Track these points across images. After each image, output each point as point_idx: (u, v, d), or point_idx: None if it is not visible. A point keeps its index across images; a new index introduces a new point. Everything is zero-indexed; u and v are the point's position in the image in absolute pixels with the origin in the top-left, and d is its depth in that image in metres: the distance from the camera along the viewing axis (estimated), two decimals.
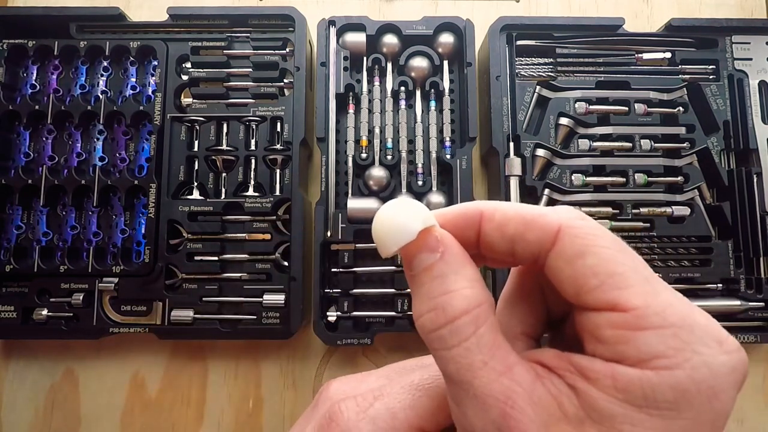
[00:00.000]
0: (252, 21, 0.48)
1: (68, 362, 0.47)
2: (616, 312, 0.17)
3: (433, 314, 0.18)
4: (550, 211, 0.19)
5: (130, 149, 0.47)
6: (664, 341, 0.16)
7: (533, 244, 0.19)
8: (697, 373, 0.16)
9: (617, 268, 0.17)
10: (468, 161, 0.45)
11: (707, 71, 0.48)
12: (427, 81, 0.48)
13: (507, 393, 0.17)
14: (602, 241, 0.18)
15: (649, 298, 0.17)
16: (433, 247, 0.19)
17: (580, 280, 0.18)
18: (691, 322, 0.16)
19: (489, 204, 0.20)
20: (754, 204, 0.45)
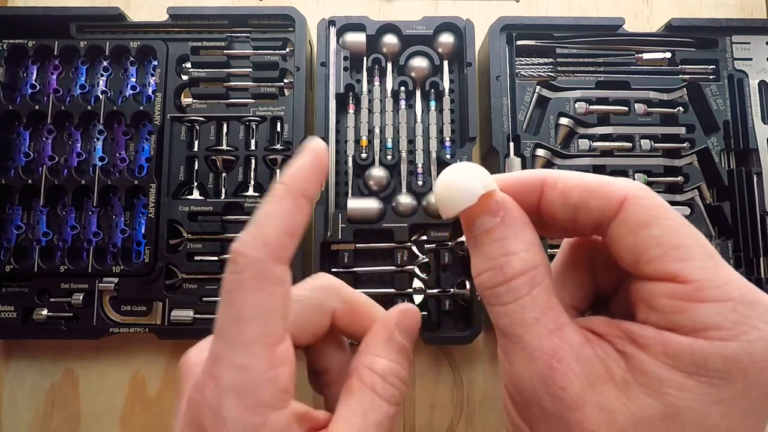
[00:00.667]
0: (252, 21, 0.48)
1: (68, 362, 0.47)
2: (675, 283, 0.17)
3: (492, 273, 0.19)
4: (616, 180, 0.19)
5: (130, 149, 0.47)
6: (721, 313, 0.16)
7: (596, 211, 0.19)
8: (753, 346, 0.16)
9: (682, 240, 0.17)
10: (468, 161, 0.45)
11: (707, 71, 0.48)
12: (427, 81, 0.48)
13: (555, 349, 0.18)
14: (669, 214, 0.18)
15: (710, 273, 0.17)
16: (494, 210, 0.20)
17: (642, 249, 0.18)
18: (753, 297, 0.17)
19: (552, 172, 0.20)
20: (754, 204, 0.45)
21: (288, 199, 0.20)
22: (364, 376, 0.22)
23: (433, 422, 0.47)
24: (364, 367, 0.22)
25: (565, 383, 0.18)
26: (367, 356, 0.22)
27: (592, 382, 0.18)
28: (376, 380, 0.21)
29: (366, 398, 0.21)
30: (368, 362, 0.22)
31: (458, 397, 0.47)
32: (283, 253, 0.20)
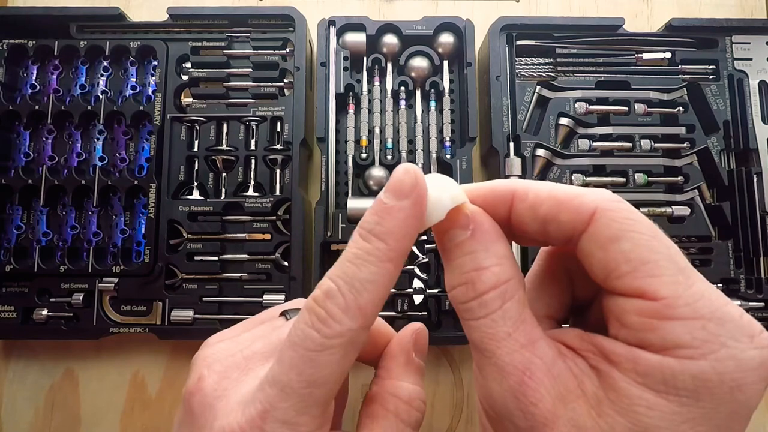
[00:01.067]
0: (252, 21, 0.48)
1: (68, 362, 0.47)
2: (644, 300, 0.17)
3: (464, 288, 0.19)
4: (587, 192, 0.19)
5: (130, 149, 0.47)
6: (690, 332, 0.16)
7: (566, 225, 0.19)
8: (721, 365, 0.16)
9: (651, 255, 0.17)
10: (468, 161, 0.45)
11: (707, 71, 0.48)
12: (427, 81, 0.48)
13: (526, 364, 0.18)
14: (639, 227, 0.17)
15: (680, 289, 0.17)
16: (464, 224, 0.19)
17: (611, 264, 0.18)
18: (722, 315, 0.16)
19: (521, 183, 0.20)
20: (754, 204, 0.45)
21: (390, 263, 0.19)
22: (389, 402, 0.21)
23: (433, 422, 0.47)
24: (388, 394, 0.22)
25: (537, 399, 0.17)
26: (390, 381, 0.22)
27: (563, 398, 0.18)
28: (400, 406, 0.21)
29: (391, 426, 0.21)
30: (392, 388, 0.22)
31: (458, 397, 0.47)
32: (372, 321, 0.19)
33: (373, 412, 0.21)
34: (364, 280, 0.19)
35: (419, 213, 0.19)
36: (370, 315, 0.19)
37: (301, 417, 0.19)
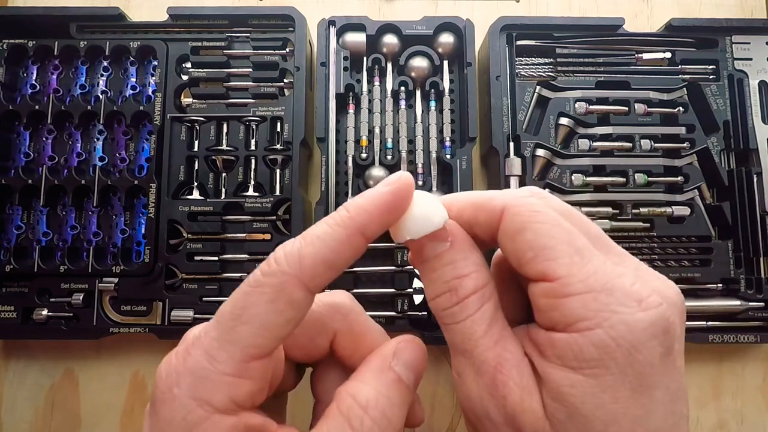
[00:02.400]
0: (252, 21, 0.48)
1: (68, 362, 0.47)
2: (545, 282, 0.19)
3: (448, 295, 0.21)
4: (497, 193, 0.21)
5: (130, 149, 0.47)
6: (585, 305, 0.18)
7: (485, 225, 0.21)
8: (614, 330, 0.17)
9: (550, 241, 0.19)
10: (468, 161, 0.45)
11: (707, 71, 0.48)
12: (427, 81, 0.48)
13: (498, 359, 0.19)
14: (540, 217, 0.19)
15: (574, 268, 0.18)
16: (443, 236, 0.21)
17: (519, 253, 0.20)
18: (611, 286, 0.18)
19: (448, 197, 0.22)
20: (754, 204, 0.45)
21: (343, 228, 0.19)
22: (343, 402, 0.20)
23: (433, 422, 0.47)
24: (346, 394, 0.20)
25: (507, 392, 0.19)
26: (353, 383, 0.20)
27: (529, 391, 0.19)
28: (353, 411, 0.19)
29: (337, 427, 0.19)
30: (352, 389, 0.20)
31: (458, 397, 0.47)
32: (314, 282, 0.19)
33: (327, 410, 0.20)
34: (314, 235, 0.20)
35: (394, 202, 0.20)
36: (308, 268, 0.19)
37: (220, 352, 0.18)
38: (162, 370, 0.19)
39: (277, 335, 0.19)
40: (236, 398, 0.18)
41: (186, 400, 0.18)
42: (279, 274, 0.19)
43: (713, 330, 0.44)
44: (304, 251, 0.19)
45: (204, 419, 0.18)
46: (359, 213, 0.20)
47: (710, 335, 0.44)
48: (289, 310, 0.19)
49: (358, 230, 0.20)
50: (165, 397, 0.18)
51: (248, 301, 0.19)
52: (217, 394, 0.18)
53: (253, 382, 0.19)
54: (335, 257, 0.19)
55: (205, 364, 0.18)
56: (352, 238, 0.20)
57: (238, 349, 0.18)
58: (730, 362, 0.48)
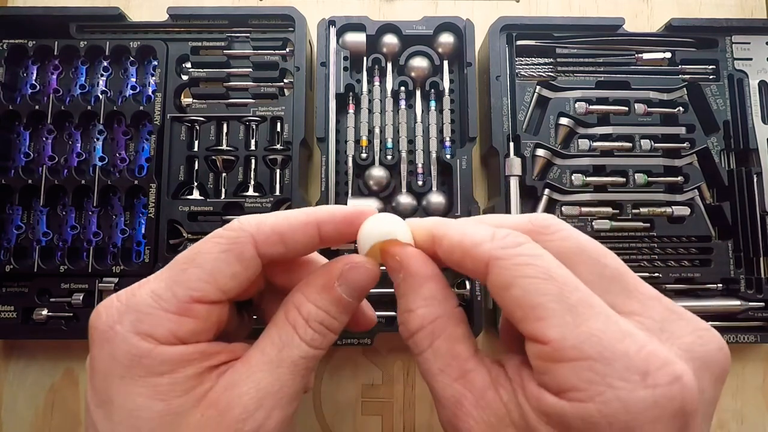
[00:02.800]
0: (252, 21, 0.48)
1: (68, 362, 0.47)
2: (537, 343, 0.17)
3: (402, 327, 0.22)
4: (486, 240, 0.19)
5: (130, 149, 0.47)
6: (577, 374, 0.16)
7: (472, 271, 0.20)
8: (607, 407, 0.16)
9: (539, 299, 0.17)
10: (468, 161, 0.45)
11: (707, 71, 0.48)
12: (427, 81, 0.48)
13: (457, 397, 0.19)
14: (528, 271, 0.18)
15: (566, 330, 0.17)
16: (396, 269, 0.22)
17: (508, 310, 0.19)
18: (612, 353, 0.16)
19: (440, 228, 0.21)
20: (754, 204, 0.45)
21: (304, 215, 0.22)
22: (290, 312, 0.22)
23: (433, 422, 0.47)
24: (292, 304, 0.22)
25: (466, 429, 0.19)
26: (299, 295, 0.22)
27: (493, 426, 0.18)
28: (298, 320, 0.21)
29: (286, 334, 0.21)
30: (297, 301, 0.22)
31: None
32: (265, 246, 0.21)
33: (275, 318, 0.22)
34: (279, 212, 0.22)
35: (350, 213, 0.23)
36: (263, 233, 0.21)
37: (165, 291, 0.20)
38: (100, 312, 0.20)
39: (221, 286, 0.21)
40: (179, 334, 0.20)
41: (129, 335, 0.19)
42: (237, 230, 0.21)
43: None
44: (265, 219, 0.22)
45: (149, 351, 0.19)
46: (320, 210, 0.22)
47: None
48: (236, 264, 0.21)
49: (315, 221, 0.22)
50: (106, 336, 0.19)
51: (203, 247, 0.21)
52: (159, 329, 0.19)
53: (195, 322, 0.20)
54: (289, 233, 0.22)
55: (149, 302, 0.20)
56: (308, 226, 0.22)
57: (183, 289, 0.20)
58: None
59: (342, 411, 0.47)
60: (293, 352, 0.21)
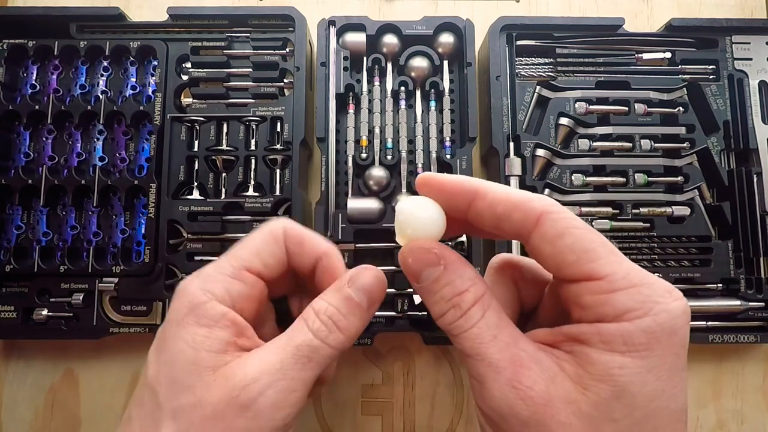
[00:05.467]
0: (252, 21, 0.48)
1: (68, 362, 0.47)
2: (592, 281, 0.21)
3: (452, 311, 0.23)
4: (535, 197, 0.22)
5: (130, 149, 0.47)
6: (632, 297, 0.20)
7: (517, 223, 0.22)
8: (659, 317, 0.20)
9: (589, 244, 0.21)
10: (468, 161, 0.45)
11: (707, 71, 0.48)
12: (427, 81, 0.48)
13: (515, 357, 0.21)
14: (577, 223, 0.22)
15: (615, 266, 0.21)
16: (435, 262, 0.23)
17: (560, 256, 0.21)
18: (649, 280, 0.21)
19: (484, 183, 0.24)
20: (754, 204, 0.45)
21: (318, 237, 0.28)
22: (304, 311, 0.25)
23: (433, 422, 0.47)
24: (309, 306, 0.26)
25: (531, 383, 0.21)
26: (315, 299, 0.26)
27: (553, 380, 0.21)
28: (309, 313, 0.25)
29: (297, 326, 0.25)
30: (313, 303, 0.26)
31: (458, 398, 0.47)
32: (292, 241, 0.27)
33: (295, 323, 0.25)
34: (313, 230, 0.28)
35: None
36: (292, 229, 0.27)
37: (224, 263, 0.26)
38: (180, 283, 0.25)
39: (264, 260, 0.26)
40: (231, 293, 0.25)
41: (195, 290, 0.24)
42: (276, 223, 0.27)
43: (713, 330, 0.44)
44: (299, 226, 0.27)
45: (204, 302, 0.24)
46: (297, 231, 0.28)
47: (710, 335, 0.44)
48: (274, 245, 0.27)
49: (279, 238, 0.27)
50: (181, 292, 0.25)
51: (251, 236, 0.27)
52: (217, 286, 0.25)
53: (244, 286, 0.25)
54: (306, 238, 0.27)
55: (212, 270, 0.25)
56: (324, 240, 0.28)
57: (237, 260, 0.26)
58: (730, 362, 0.48)
59: (342, 411, 0.47)
60: (298, 337, 0.24)
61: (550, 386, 0.21)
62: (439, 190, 0.24)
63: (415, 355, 0.48)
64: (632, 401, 0.20)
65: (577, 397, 0.20)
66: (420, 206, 0.24)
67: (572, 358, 0.21)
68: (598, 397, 0.20)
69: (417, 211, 0.24)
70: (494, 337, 0.22)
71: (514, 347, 0.22)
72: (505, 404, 0.21)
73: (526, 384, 0.21)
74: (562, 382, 0.21)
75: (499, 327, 0.22)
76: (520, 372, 0.21)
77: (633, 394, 0.20)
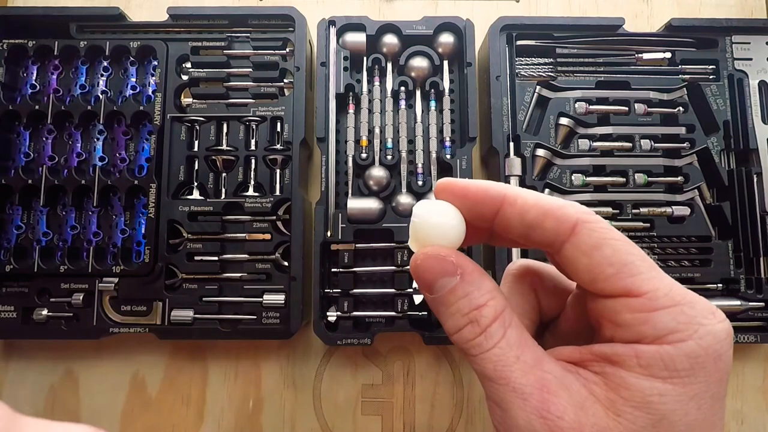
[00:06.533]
0: (252, 21, 0.48)
1: (68, 362, 0.47)
2: (631, 297, 0.19)
3: (470, 327, 0.21)
4: (569, 204, 0.21)
5: (130, 149, 0.47)
6: (674, 318, 0.18)
7: (550, 232, 0.20)
8: (704, 340, 0.18)
9: (629, 258, 0.19)
10: (468, 161, 0.45)
11: (707, 71, 0.48)
12: (427, 81, 0.48)
13: (541, 382, 0.19)
14: (615, 234, 0.20)
15: (656, 282, 0.19)
16: (452, 271, 0.21)
17: (596, 269, 0.20)
18: (691, 299, 0.19)
19: (512, 189, 0.22)
20: (754, 204, 0.45)
21: None
22: None
23: (433, 422, 0.47)
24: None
25: (561, 412, 0.19)
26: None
27: (582, 406, 0.19)
28: None
29: None
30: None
31: (458, 397, 0.47)
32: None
33: None
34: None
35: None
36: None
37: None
38: None
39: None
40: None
41: None
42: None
43: None
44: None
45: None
46: None
47: None
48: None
49: None
50: None
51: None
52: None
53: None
54: None
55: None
56: None
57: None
58: None
59: (342, 411, 0.47)
60: None
61: (579, 414, 0.19)
62: (463, 197, 0.22)
63: (415, 355, 0.48)
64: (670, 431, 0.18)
65: (609, 425, 0.19)
66: (438, 210, 0.22)
67: (603, 380, 0.19)
68: (634, 425, 0.18)
69: (434, 215, 0.22)
70: (517, 358, 0.20)
71: (539, 370, 0.20)
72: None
73: (556, 414, 0.19)
74: (592, 407, 0.19)
75: (522, 347, 0.20)
76: (548, 400, 0.19)
77: (673, 423, 0.18)
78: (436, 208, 0.22)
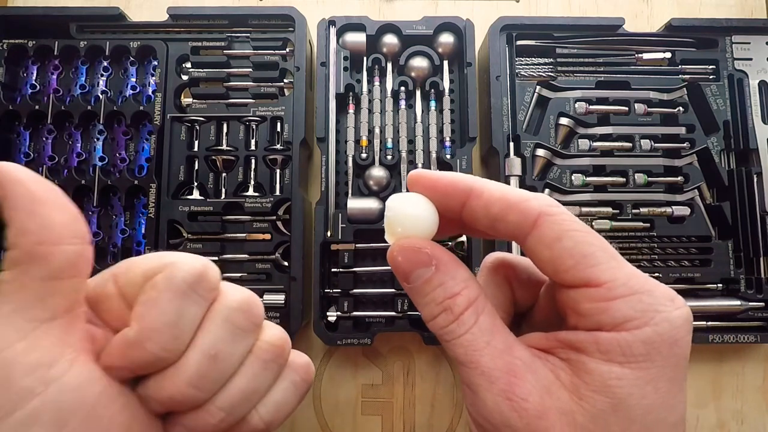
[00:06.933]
0: (252, 21, 0.48)
1: None
2: (591, 287, 0.20)
3: (444, 315, 0.22)
4: (532, 197, 0.21)
5: (130, 149, 0.47)
6: (632, 306, 0.19)
7: (513, 225, 0.21)
8: (660, 327, 0.19)
9: (589, 249, 0.20)
10: (468, 161, 0.45)
11: (707, 71, 0.48)
12: (427, 81, 0.48)
13: (509, 366, 0.20)
14: (576, 226, 0.21)
15: (615, 272, 0.20)
16: (427, 262, 0.22)
17: (557, 260, 0.20)
18: (650, 287, 0.20)
19: (480, 181, 0.22)
20: (754, 204, 0.45)
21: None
22: None
23: (433, 422, 0.47)
24: None
25: (526, 394, 0.20)
26: None
27: (548, 390, 0.20)
28: None
29: None
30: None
31: (458, 397, 0.47)
32: None
33: None
34: None
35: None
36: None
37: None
38: None
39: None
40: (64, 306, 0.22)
41: None
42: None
43: (713, 330, 0.44)
44: None
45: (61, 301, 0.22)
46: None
47: (710, 335, 0.44)
48: None
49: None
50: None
51: None
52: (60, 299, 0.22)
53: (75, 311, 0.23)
54: None
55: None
56: None
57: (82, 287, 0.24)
58: (730, 362, 0.48)
59: (342, 411, 0.47)
60: None
61: (545, 397, 0.20)
62: (432, 189, 0.23)
63: (415, 355, 0.48)
64: (630, 414, 0.19)
65: (573, 408, 0.20)
66: (410, 203, 0.23)
67: (568, 366, 0.20)
68: (595, 408, 0.19)
69: (407, 207, 0.22)
70: (488, 343, 0.21)
71: (508, 355, 0.21)
72: (498, 415, 0.20)
73: (521, 396, 0.20)
74: (558, 391, 0.20)
75: (493, 333, 0.21)
76: (514, 383, 0.20)
77: (631, 406, 0.19)
78: (408, 201, 0.23)
